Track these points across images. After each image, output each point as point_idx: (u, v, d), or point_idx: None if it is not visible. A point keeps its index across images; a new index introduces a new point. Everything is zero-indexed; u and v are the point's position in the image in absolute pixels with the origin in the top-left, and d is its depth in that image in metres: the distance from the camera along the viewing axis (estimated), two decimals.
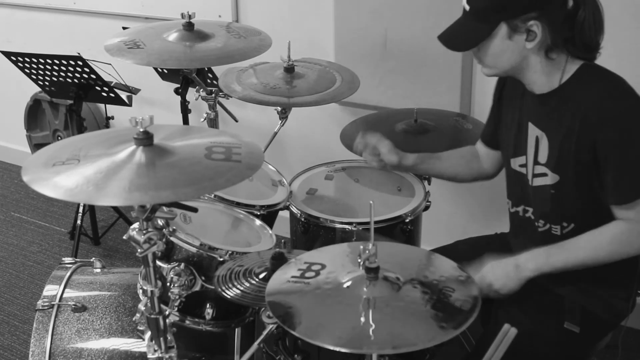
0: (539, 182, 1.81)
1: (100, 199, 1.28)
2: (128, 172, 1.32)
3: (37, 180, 1.34)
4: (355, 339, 1.31)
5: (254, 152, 1.49)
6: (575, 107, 1.70)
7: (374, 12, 2.85)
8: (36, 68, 3.07)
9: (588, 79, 1.72)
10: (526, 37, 1.68)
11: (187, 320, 1.95)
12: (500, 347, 1.49)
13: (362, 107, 2.93)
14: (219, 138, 1.50)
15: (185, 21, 2.31)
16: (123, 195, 1.27)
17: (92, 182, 1.30)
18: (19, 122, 4.13)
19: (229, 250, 1.90)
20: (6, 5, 4.06)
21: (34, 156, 1.44)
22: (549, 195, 1.79)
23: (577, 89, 1.71)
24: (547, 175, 1.78)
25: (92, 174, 1.32)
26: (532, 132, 1.82)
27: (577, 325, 1.80)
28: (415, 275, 1.49)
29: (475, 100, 2.81)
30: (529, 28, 1.67)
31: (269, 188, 2.32)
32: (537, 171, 1.81)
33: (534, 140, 1.81)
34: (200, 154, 1.42)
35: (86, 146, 1.44)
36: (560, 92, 1.74)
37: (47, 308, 2.02)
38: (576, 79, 1.72)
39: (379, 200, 2.27)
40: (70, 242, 3.49)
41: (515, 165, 1.89)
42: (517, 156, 1.88)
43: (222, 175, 1.37)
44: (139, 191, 1.28)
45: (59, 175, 1.34)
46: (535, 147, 1.81)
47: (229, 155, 1.43)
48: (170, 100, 3.29)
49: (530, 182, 1.84)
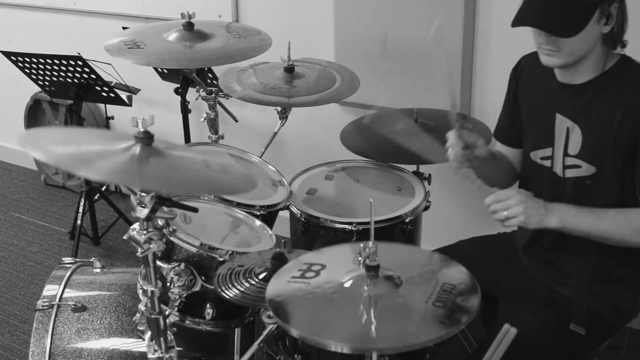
0: (572, 174, 1.79)
1: (83, 170, 1.32)
2: (120, 157, 1.35)
3: (32, 144, 1.37)
4: (356, 338, 1.31)
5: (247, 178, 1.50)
6: (617, 97, 1.69)
7: (374, 12, 2.85)
8: (36, 68, 3.07)
9: (630, 69, 1.72)
10: (606, 20, 1.66)
11: (187, 320, 1.94)
12: (500, 347, 1.49)
13: (362, 107, 2.93)
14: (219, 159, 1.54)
15: (185, 21, 2.31)
16: (106, 174, 1.33)
17: (83, 156, 1.34)
18: (19, 122, 4.13)
19: (229, 250, 1.90)
20: (6, 5, 4.06)
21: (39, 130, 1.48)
22: (585, 186, 1.77)
23: (619, 79, 1.71)
24: (581, 167, 1.77)
25: (85, 151, 1.37)
26: (561, 123, 1.80)
27: (583, 326, 1.80)
28: (415, 273, 1.49)
29: (475, 100, 2.81)
30: (610, 11, 1.65)
31: (269, 188, 2.32)
32: (568, 163, 1.79)
33: (564, 132, 1.79)
34: (197, 162, 1.44)
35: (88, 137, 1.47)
36: (600, 82, 1.72)
37: (47, 308, 2.02)
38: (617, 70, 1.72)
39: (379, 200, 2.27)
40: (70, 242, 3.49)
41: (535, 157, 1.87)
42: (539, 148, 1.85)
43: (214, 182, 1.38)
44: (124, 174, 1.32)
45: (54, 145, 1.37)
46: (566, 138, 1.79)
47: (225, 170, 1.45)
48: (170, 100, 3.29)
49: (561, 174, 1.81)
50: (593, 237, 1.71)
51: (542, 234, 1.86)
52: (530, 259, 1.96)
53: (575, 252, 1.84)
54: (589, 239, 1.73)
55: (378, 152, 2.39)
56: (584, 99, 1.74)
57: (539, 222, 1.68)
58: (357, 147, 2.39)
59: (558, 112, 1.80)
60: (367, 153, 2.40)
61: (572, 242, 1.80)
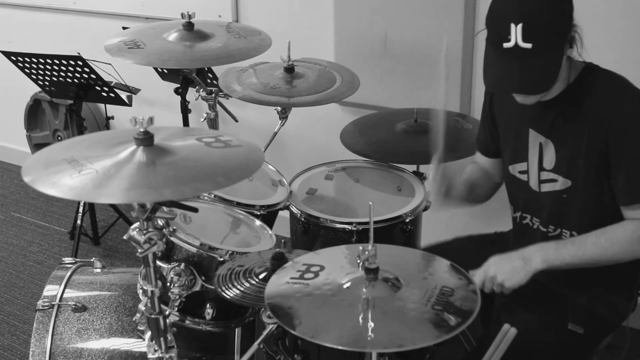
0: (548, 188, 1.79)
1: (101, 198, 1.28)
2: (127, 170, 1.31)
3: (38, 180, 1.33)
4: (355, 338, 1.32)
5: (254, 148, 1.48)
6: (584, 108, 1.69)
7: (374, 12, 2.85)
8: (36, 68, 3.07)
9: (594, 79, 1.70)
10: (569, 45, 1.64)
11: (187, 320, 1.94)
12: (500, 347, 1.49)
13: (362, 107, 2.94)
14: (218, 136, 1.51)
15: (185, 21, 2.31)
16: (122, 194, 1.27)
17: (92, 182, 1.30)
18: (19, 122, 4.13)
19: (229, 250, 1.90)
20: (6, 5, 4.06)
21: (34, 157, 1.44)
22: (561, 200, 1.77)
23: (585, 90, 1.70)
24: (557, 180, 1.76)
25: (92, 174, 1.32)
26: (534, 138, 1.80)
27: (581, 326, 1.80)
28: (414, 275, 1.49)
29: (475, 100, 2.81)
30: (574, 36, 1.63)
31: (269, 188, 2.32)
32: (544, 177, 1.80)
33: (537, 147, 1.79)
34: (200, 146, 1.42)
35: (86, 147, 1.44)
36: (566, 95, 1.72)
37: (47, 308, 2.02)
38: (582, 80, 1.71)
39: (379, 200, 2.27)
40: (70, 242, 3.49)
41: (514, 171, 1.88)
42: (517, 162, 1.86)
43: (223, 173, 1.36)
44: (138, 189, 1.28)
45: (59, 174, 1.34)
46: (540, 153, 1.79)
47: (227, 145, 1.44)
48: (170, 100, 3.29)
49: (536, 188, 1.82)
50: (581, 266, 1.69)
51: (537, 235, 1.87)
52: None
53: None
54: None
55: (378, 152, 2.39)
56: (553, 114, 1.74)
57: (525, 274, 1.68)
58: (357, 147, 2.39)
59: (531, 127, 1.80)
60: (367, 153, 2.40)
61: None
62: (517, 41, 1.57)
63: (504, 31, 1.58)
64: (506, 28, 1.57)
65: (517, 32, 1.56)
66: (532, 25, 1.56)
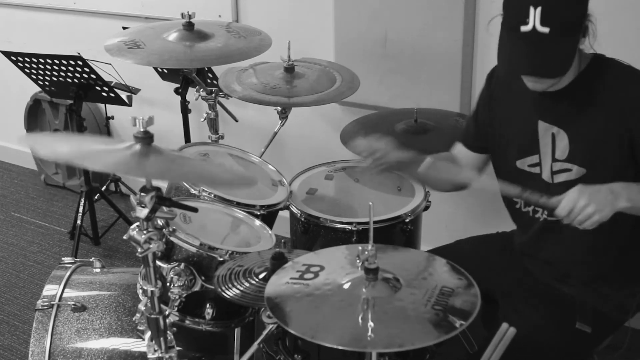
0: (563, 178, 1.78)
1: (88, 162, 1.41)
2: (122, 154, 1.38)
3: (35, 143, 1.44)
4: (355, 338, 1.32)
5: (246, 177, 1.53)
6: (597, 96, 1.69)
7: (374, 12, 2.85)
8: (36, 68, 3.07)
9: (605, 68, 1.71)
10: (583, 35, 1.65)
11: (187, 320, 1.95)
12: (499, 347, 1.49)
13: (362, 107, 2.94)
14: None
15: (185, 21, 2.32)
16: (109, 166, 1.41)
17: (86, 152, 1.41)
18: (19, 122, 4.13)
19: (229, 250, 1.91)
20: (6, 5, 4.06)
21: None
22: None
23: (597, 79, 1.70)
24: (572, 170, 1.76)
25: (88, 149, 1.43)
26: (545, 130, 1.80)
27: (589, 325, 1.80)
28: (413, 276, 1.49)
29: (475, 100, 2.80)
30: (587, 26, 1.64)
31: (269, 188, 2.32)
32: (557, 168, 1.79)
33: (549, 138, 1.79)
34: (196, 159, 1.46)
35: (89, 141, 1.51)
36: (578, 84, 1.72)
37: (47, 308, 2.02)
38: (593, 69, 1.72)
39: (379, 200, 2.27)
40: (70, 242, 3.49)
41: (523, 165, 1.87)
42: (526, 156, 1.85)
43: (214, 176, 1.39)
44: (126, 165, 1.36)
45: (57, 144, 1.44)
46: (552, 144, 1.79)
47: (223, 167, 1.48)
48: (170, 100, 3.29)
49: (549, 180, 1.81)
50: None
51: (538, 234, 1.87)
52: (529, 258, 1.96)
53: (570, 253, 1.84)
54: (585, 239, 1.74)
55: None
56: (564, 103, 1.75)
57: (612, 209, 1.60)
58: None
59: (540, 119, 1.80)
60: None
61: (567, 242, 1.81)
62: (535, 24, 1.58)
63: (523, 14, 1.59)
64: (525, 11, 1.58)
65: (535, 15, 1.57)
66: (551, 9, 1.57)
